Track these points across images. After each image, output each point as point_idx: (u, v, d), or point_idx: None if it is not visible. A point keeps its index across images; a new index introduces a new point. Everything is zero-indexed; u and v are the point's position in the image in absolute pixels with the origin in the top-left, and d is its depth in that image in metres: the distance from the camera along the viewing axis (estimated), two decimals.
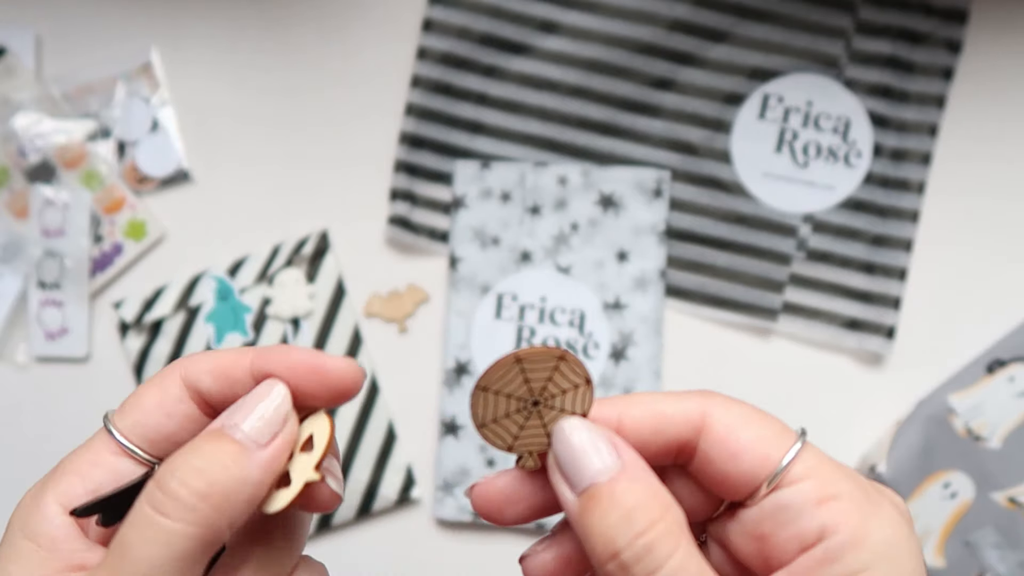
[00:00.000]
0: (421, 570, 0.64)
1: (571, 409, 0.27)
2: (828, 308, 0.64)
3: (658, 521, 0.24)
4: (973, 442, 0.61)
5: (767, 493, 0.25)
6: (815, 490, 0.25)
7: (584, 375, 0.27)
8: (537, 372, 0.27)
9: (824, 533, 0.24)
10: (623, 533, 0.23)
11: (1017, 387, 0.61)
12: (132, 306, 0.63)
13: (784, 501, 0.25)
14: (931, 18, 0.64)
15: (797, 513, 0.25)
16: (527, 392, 0.27)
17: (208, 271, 0.64)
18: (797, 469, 0.25)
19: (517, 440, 0.28)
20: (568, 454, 0.25)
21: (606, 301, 0.63)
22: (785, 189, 0.64)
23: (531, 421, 0.27)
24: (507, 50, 0.65)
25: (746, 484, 0.25)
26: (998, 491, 0.60)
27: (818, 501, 0.25)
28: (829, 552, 0.24)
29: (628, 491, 0.24)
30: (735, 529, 0.26)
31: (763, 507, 0.25)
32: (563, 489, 0.25)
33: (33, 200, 0.64)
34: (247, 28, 0.67)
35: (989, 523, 0.60)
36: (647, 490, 0.24)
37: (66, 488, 0.26)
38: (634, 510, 0.24)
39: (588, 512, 0.24)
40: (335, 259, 0.64)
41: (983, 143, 0.65)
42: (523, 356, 0.26)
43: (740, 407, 0.26)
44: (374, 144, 0.66)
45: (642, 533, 0.23)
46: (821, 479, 0.25)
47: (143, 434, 0.27)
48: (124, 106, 0.66)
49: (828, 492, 0.25)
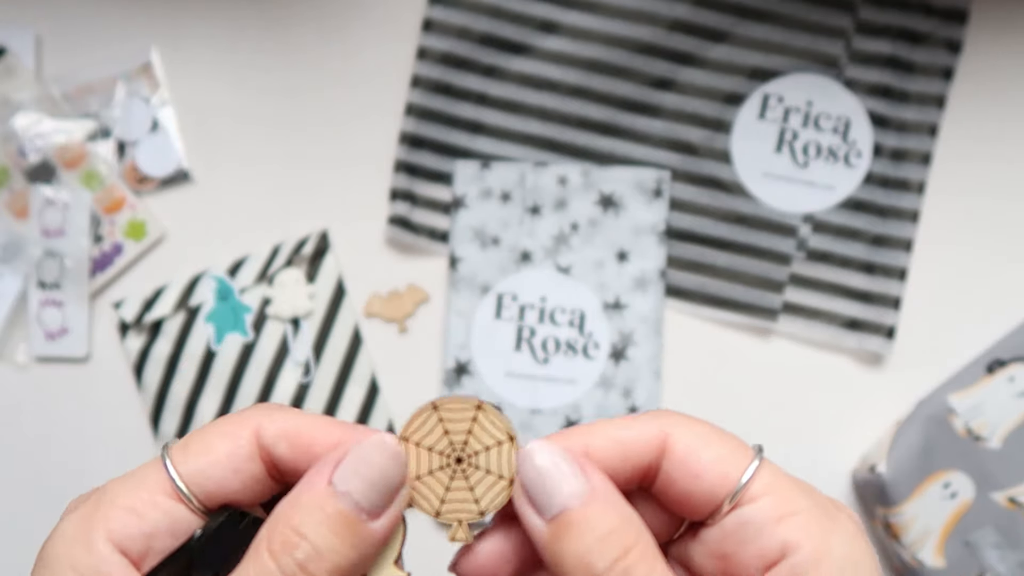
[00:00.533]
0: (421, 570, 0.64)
1: (497, 471, 0.26)
2: (828, 308, 0.64)
3: (634, 545, 0.24)
4: (973, 442, 0.61)
5: (728, 511, 0.25)
6: (775, 507, 0.25)
7: (506, 430, 0.26)
8: (456, 423, 0.26)
9: (786, 550, 0.24)
10: (601, 558, 0.23)
11: (1017, 387, 0.61)
12: (132, 306, 0.63)
13: (745, 518, 0.25)
14: (931, 18, 0.64)
15: (758, 530, 0.25)
16: (448, 446, 0.26)
17: (208, 271, 0.64)
18: (756, 486, 0.25)
19: (444, 504, 0.26)
20: (536, 479, 0.24)
21: (606, 301, 0.63)
22: (785, 189, 0.64)
23: (456, 483, 0.26)
24: (507, 50, 0.65)
25: (708, 503, 0.25)
26: (998, 491, 0.60)
27: (778, 518, 0.25)
28: (794, 570, 0.24)
29: (602, 516, 0.24)
30: (697, 550, 0.26)
31: (724, 526, 0.25)
32: (530, 515, 0.25)
33: (33, 200, 0.64)
34: (247, 28, 0.67)
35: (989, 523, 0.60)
36: (620, 514, 0.24)
37: (120, 526, 0.24)
38: (610, 534, 0.23)
39: (560, 538, 0.24)
40: (335, 259, 0.64)
41: (983, 143, 0.65)
42: (439, 404, 0.26)
43: (700, 427, 0.26)
44: (374, 144, 0.66)
45: (620, 558, 0.23)
46: (780, 495, 0.25)
47: (203, 484, 0.25)
48: (124, 106, 0.66)
49: (788, 509, 0.25)
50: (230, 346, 0.63)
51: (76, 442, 0.65)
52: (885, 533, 0.61)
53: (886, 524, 0.60)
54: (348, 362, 0.63)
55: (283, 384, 0.63)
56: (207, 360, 0.63)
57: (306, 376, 0.63)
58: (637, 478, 0.26)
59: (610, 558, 0.23)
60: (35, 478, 0.64)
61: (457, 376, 0.63)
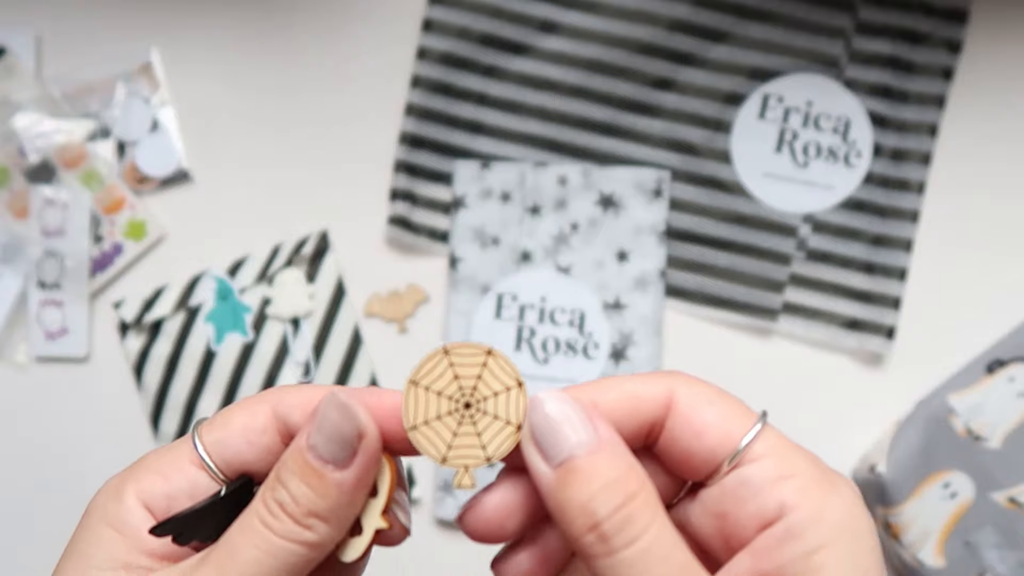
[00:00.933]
0: (421, 570, 0.64)
1: (505, 417, 0.26)
2: (828, 308, 0.64)
3: (637, 493, 0.24)
4: (973, 442, 0.61)
5: (729, 470, 0.26)
6: (775, 468, 0.25)
7: (515, 376, 0.26)
8: (466, 368, 0.27)
9: (784, 510, 0.25)
10: (604, 504, 0.24)
11: (1017, 387, 0.61)
12: (132, 306, 0.63)
13: (744, 478, 0.25)
14: (931, 18, 0.64)
15: (757, 490, 0.25)
16: (458, 391, 0.27)
17: (208, 271, 0.64)
18: (758, 448, 0.26)
19: (451, 450, 0.27)
20: (545, 426, 0.25)
21: (606, 301, 0.63)
22: (785, 189, 0.64)
23: (464, 428, 0.26)
24: (507, 50, 0.65)
25: (709, 461, 0.26)
26: (998, 491, 0.60)
27: (777, 478, 0.25)
28: (790, 529, 0.25)
29: (608, 464, 0.24)
30: (696, 510, 0.27)
31: (724, 485, 0.26)
32: (537, 462, 0.25)
33: (33, 200, 0.64)
34: (247, 28, 0.67)
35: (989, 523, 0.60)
36: (625, 463, 0.24)
37: (147, 486, 0.27)
38: (615, 482, 0.24)
39: (566, 485, 0.24)
40: (335, 259, 0.64)
41: (983, 143, 0.65)
42: (450, 349, 0.27)
43: (705, 387, 0.27)
44: (374, 144, 0.66)
45: (622, 505, 0.24)
46: (780, 458, 0.26)
47: (221, 453, 0.27)
48: (124, 106, 0.66)
49: (787, 470, 0.25)
50: (230, 346, 0.63)
51: (76, 442, 0.65)
52: (885, 533, 0.61)
53: (886, 524, 0.60)
54: (348, 362, 0.63)
55: (283, 384, 0.63)
56: (207, 360, 0.63)
57: (306, 376, 0.63)
58: (642, 435, 0.27)
59: (613, 505, 0.24)
60: (35, 478, 0.64)
61: None
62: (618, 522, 0.24)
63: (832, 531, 0.25)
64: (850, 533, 0.25)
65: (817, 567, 0.24)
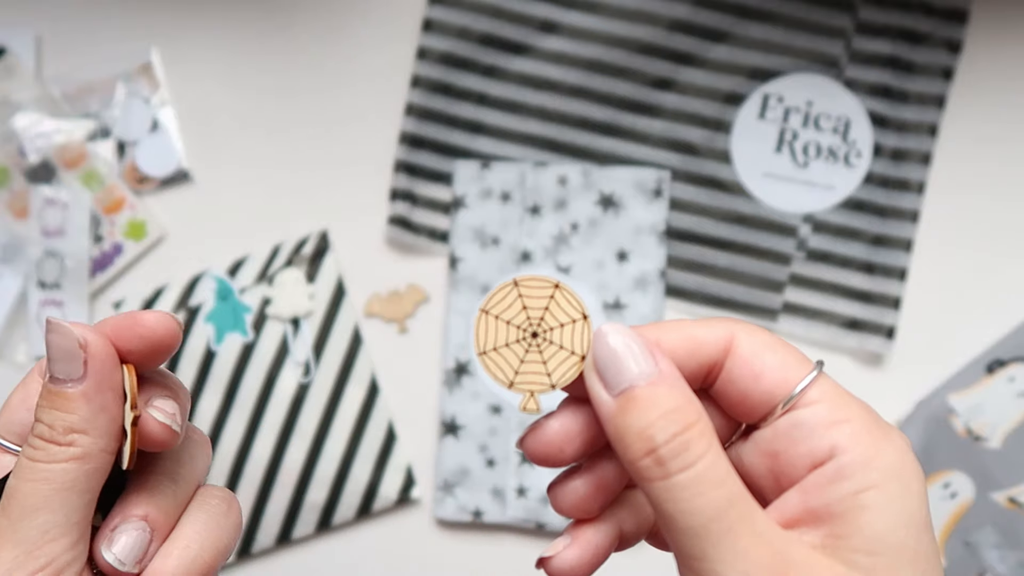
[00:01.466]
0: (421, 570, 0.64)
1: (570, 347, 0.28)
2: (828, 308, 0.64)
3: (694, 424, 0.25)
4: (973, 442, 0.61)
5: (783, 413, 0.27)
6: (828, 413, 0.26)
7: (580, 309, 0.28)
8: (534, 300, 0.28)
9: (835, 452, 0.26)
10: (662, 431, 0.25)
11: (1017, 387, 0.61)
12: (132, 307, 0.63)
13: (798, 420, 0.26)
14: (931, 18, 0.64)
15: (810, 432, 0.26)
16: (526, 320, 0.28)
17: (208, 271, 0.64)
18: (812, 393, 0.27)
19: (518, 375, 0.28)
20: (608, 356, 0.26)
21: (606, 301, 0.63)
22: (785, 189, 0.64)
23: (531, 356, 0.28)
24: (507, 50, 0.65)
25: (764, 404, 0.27)
26: (998, 491, 0.60)
27: (831, 423, 0.26)
28: (840, 469, 0.26)
29: (667, 395, 0.25)
30: (748, 449, 0.28)
31: (777, 427, 0.27)
32: (599, 390, 0.26)
33: (33, 200, 0.64)
34: (247, 28, 0.67)
35: (989, 523, 0.60)
36: (684, 395, 0.26)
37: None
38: (673, 411, 0.25)
39: (626, 412, 0.25)
40: (335, 259, 0.64)
41: (983, 143, 0.65)
42: (520, 281, 0.28)
43: (764, 334, 0.28)
44: (374, 144, 0.66)
45: (680, 433, 0.25)
46: (834, 404, 0.26)
47: (12, 429, 0.30)
48: (124, 106, 0.66)
49: (841, 416, 0.26)
50: (230, 346, 0.63)
51: None
52: None
53: None
54: (348, 362, 0.63)
55: (283, 384, 0.63)
56: (207, 360, 0.63)
57: (306, 376, 0.63)
58: (701, 375, 0.28)
59: (670, 432, 0.25)
60: None
61: (457, 376, 0.63)
62: (675, 448, 0.25)
63: (881, 474, 0.25)
64: (899, 478, 0.26)
65: (864, 505, 0.25)
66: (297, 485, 0.62)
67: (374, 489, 0.62)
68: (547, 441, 0.28)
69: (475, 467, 0.62)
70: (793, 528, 0.26)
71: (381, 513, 0.64)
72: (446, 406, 0.63)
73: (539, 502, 0.62)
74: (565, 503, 0.28)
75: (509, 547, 0.63)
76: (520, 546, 0.63)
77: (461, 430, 0.63)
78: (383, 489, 0.63)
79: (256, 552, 0.63)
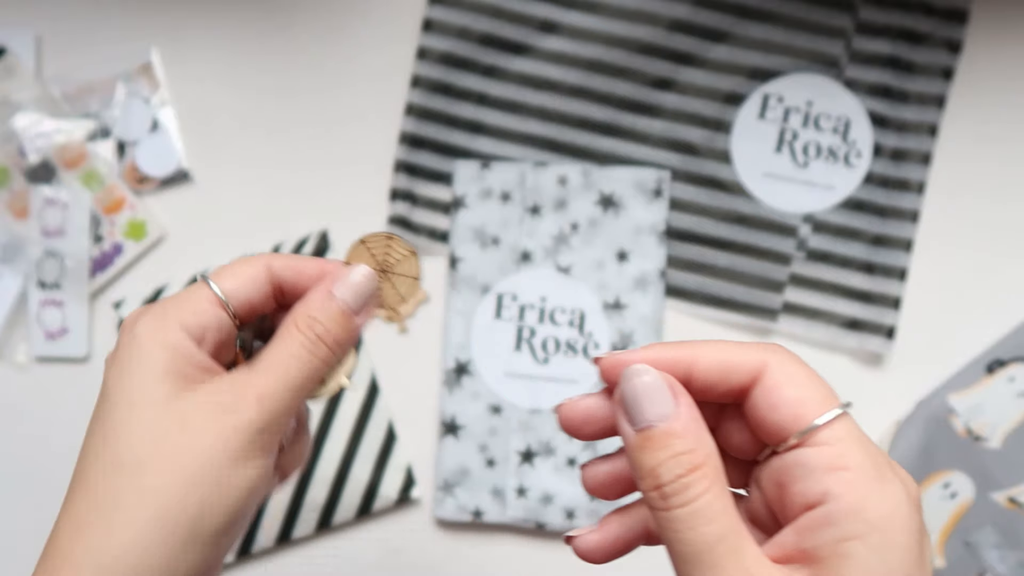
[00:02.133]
0: (421, 570, 0.64)
1: (409, 274, 0.38)
2: (828, 308, 0.64)
3: (700, 466, 0.28)
4: (973, 442, 0.61)
5: (791, 447, 0.28)
6: (831, 457, 0.28)
7: (409, 248, 0.38)
8: (377, 249, 0.38)
9: (827, 497, 0.27)
10: (668, 471, 0.28)
11: (1017, 387, 0.61)
12: (132, 307, 0.63)
13: (801, 459, 0.28)
14: (931, 18, 0.64)
15: (809, 472, 0.28)
16: (375, 264, 0.38)
17: (208, 271, 0.64)
18: (824, 435, 0.28)
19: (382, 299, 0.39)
20: (633, 394, 0.29)
21: (606, 301, 0.63)
22: (785, 189, 0.64)
23: (385, 284, 0.38)
24: (507, 50, 0.65)
25: (777, 434, 0.29)
26: (998, 491, 0.60)
27: (829, 467, 0.28)
28: (829, 515, 0.27)
29: (679, 438, 0.28)
30: (765, 473, 0.30)
31: (785, 459, 0.29)
32: (623, 424, 0.29)
33: (33, 200, 0.64)
34: (247, 28, 0.67)
35: (989, 523, 0.60)
36: (695, 439, 0.28)
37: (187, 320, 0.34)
38: (682, 455, 0.28)
39: (642, 448, 0.28)
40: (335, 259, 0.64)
41: (983, 143, 0.65)
42: (365, 239, 0.38)
43: (796, 366, 0.30)
44: (374, 144, 0.66)
45: (683, 475, 0.27)
46: (841, 448, 0.28)
47: (236, 297, 0.35)
48: (124, 106, 0.66)
49: (841, 462, 0.28)
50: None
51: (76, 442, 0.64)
52: None
53: None
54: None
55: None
56: None
57: None
58: (733, 394, 0.30)
59: (675, 473, 0.27)
60: (35, 478, 0.64)
61: (457, 376, 0.63)
62: (677, 487, 0.27)
63: (867, 526, 0.27)
64: (884, 531, 0.27)
65: (846, 554, 0.26)
66: (297, 485, 0.62)
67: (374, 489, 0.62)
68: (573, 415, 0.32)
69: (475, 467, 0.62)
70: (786, 564, 0.28)
71: (381, 513, 0.64)
72: (446, 406, 0.63)
73: (539, 502, 0.62)
74: (588, 482, 0.33)
75: (509, 547, 0.63)
76: (520, 546, 0.63)
77: (461, 430, 0.63)
78: (383, 489, 0.63)
79: (256, 552, 0.63)
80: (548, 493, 0.62)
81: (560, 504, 0.62)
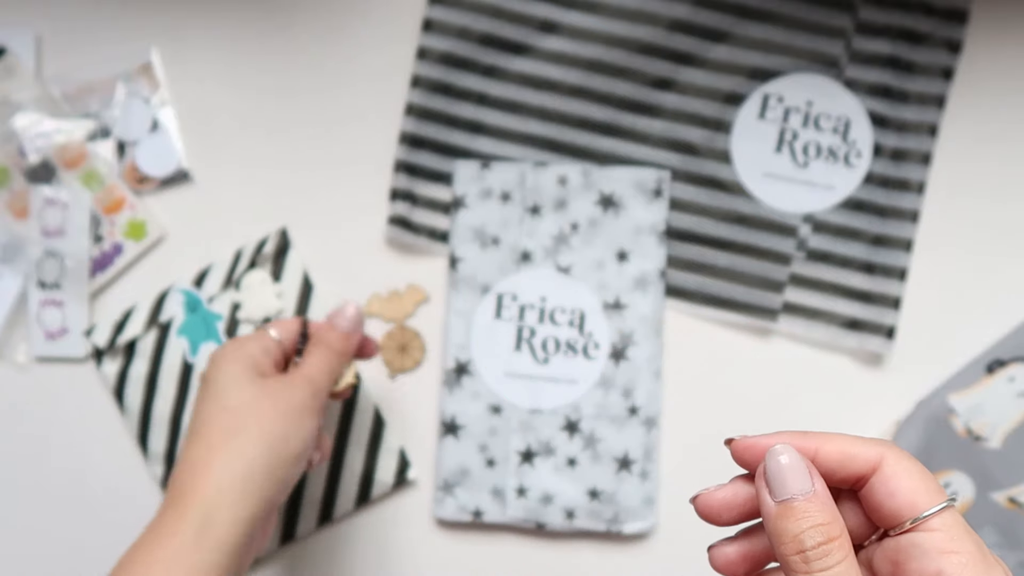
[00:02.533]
0: (421, 570, 0.64)
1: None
2: (828, 308, 0.64)
3: (837, 537, 0.31)
4: (973, 442, 0.61)
5: (907, 530, 0.32)
6: (944, 542, 0.31)
7: None
8: None
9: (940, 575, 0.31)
10: (811, 538, 0.31)
11: (1017, 387, 0.61)
12: (103, 331, 0.63)
13: (917, 541, 0.32)
14: (931, 18, 0.64)
15: (924, 553, 0.31)
16: None
17: (174, 285, 0.64)
18: (935, 522, 0.32)
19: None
20: (776, 470, 0.32)
21: (606, 301, 0.63)
22: (785, 189, 0.64)
23: None
24: (507, 50, 0.65)
25: (893, 518, 0.32)
26: (998, 491, 0.60)
27: (943, 551, 0.31)
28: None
29: (819, 511, 0.32)
30: (879, 553, 0.33)
31: (900, 541, 0.32)
32: (765, 495, 0.33)
33: (33, 200, 0.64)
34: (247, 28, 0.67)
35: (989, 523, 0.60)
36: (831, 513, 0.32)
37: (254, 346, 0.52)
38: (821, 525, 0.31)
39: (785, 518, 0.32)
40: (298, 255, 0.64)
41: (983, 143, 0.65)
42: None
43: (910, 462, 0.33)
44: (374, 144, 0.66)
45: (824, 543, 0.31)
46: (951, 535, 0.31)
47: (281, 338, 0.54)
48: (124, 106, 0.66)
49: (953, 547, 0.31)
50: (206, 356, 0.63)
51: (76, 442, 0.65)
52: None
53: None
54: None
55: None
56: (185, 374, 0.63)
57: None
58: (850, 481, 0.34)
59: (816, 540, 0.31)
60: (35, 478, 0.64)
61: (457, 376, 0.63)
62: (819, 553, 0.31)
63: None
64: None
65: None
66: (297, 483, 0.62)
67: (370, 475, 0.62)
68: (710, 505, 0.35)
69: (475, 467, 0.62)
70: None
71: (381, 512, 0.64)
72: (446, 406, 0.63)
73: (539, 502, 0.62)
74: (717, 560, 0.36)
75: (509, 547, 0.63)
76: (520, 546, 0.63)
77: (461, 430, 0.63)
78: (379, 474, 0.62)
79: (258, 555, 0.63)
80: (548, 493, 0.62)
81: (560, 504, 0.62)
